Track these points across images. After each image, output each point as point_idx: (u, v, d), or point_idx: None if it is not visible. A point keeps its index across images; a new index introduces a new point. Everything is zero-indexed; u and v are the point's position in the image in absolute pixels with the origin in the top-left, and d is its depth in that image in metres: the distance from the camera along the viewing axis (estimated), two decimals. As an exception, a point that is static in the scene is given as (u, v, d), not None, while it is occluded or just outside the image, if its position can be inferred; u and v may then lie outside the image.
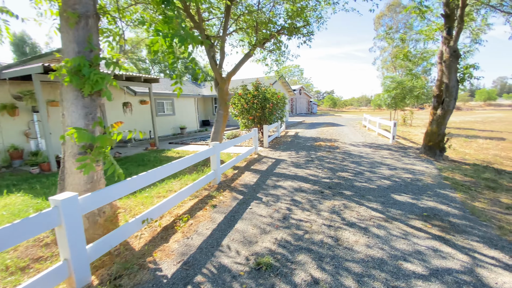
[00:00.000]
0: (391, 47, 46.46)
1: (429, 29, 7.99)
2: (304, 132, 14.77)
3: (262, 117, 10.71)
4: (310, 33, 9.53)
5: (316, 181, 5.44)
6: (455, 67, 6.82)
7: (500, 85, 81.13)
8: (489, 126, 17.13)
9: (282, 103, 12.76)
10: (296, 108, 38.99)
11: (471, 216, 3.72)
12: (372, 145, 9.86)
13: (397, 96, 14.58)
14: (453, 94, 6.97)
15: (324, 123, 21.72)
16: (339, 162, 7.13)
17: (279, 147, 9.87)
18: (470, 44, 7.81)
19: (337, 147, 9.50)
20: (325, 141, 11.18)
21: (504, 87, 75.82)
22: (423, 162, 7.02)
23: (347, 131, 14.71)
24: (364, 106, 66.28)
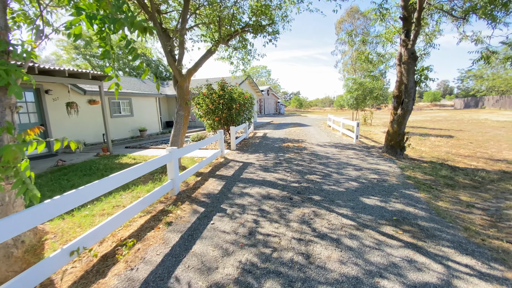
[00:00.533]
0: (351, 51, 49.13)
1: (388, 32, 8.24)
2: (272, 133, 14.59)
3: (229, 118, 10.20)
4: (275, 32, 9.27)
5: (285, 186, 5.12)
6: (413, 69, 7.07)
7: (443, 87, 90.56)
8: (438, 124, 18.75)
9: (249, 103, 12.38)
10: (264, 109, 39.08)
11: (437, 218, 3.68)
12: (337, 145, 9.96)
13: (358, 97, 15.15)
14: (411, 95, 7.22)
15: (292, 123, 21.91)
16: (307, 164, 6.94)
17: (247, 149, 9.46)
18: (425, 47, 8.22)
19: (305, 148, 9.39)
20: (293, 142, 11.06)
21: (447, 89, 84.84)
22: (386, 162, 7.16)
23: (313, 131, 14.87)
24: (328, 107, 69.25)
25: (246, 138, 12.46)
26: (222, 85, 10.42)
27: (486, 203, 4.36)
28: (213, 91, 10.18)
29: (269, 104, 41.46)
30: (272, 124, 21.21)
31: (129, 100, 13.47)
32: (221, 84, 10.35)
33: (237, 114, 10.39)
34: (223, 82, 10.47)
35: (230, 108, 10.10)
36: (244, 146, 10.30)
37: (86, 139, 10.84)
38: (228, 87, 10.53)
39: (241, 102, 11.08)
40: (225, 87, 10.39)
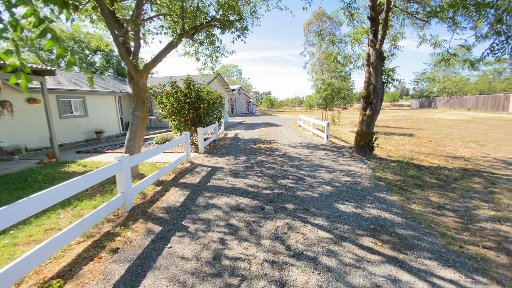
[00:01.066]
0: (319, 53, 50.67)
1: (356, 32, 8.25)
2: (244, 134, 14.12)
3: (196, 119, 9.50)
4: (244, 28, 8.81)
5: (256, 193, 4.68)
6: (381, 69, 7.11)
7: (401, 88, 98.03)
8: (399, 123, 19.89)
9: (219, 103, 11.76)
10: (236, 108, 38.48)
11: (413, 223, 3.52)
12: (309, 146, 9.83)
13: (327, 97, 15.36)
14: (379, 95, 7.27)
15: (263, 123, 21.67)
16: (279, 167, 6.60)
17: (217, 152, 8.87)
18: (390, 49, 8.41)
19: (277, 149, 9.08)
20: (265, 142, 10.71)
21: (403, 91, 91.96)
22: (357, 162, 7.10)
23: (285, 132, 14.73)
24: (298, 107, 70.83)
25: (216, 139, 11.83)
26: (188, 82, 9.68)
27: (454, 204, 4.36)
28: (178, 89, 9.40)
29: (241, 104, 40.97)
30: (244, 124, 20.75)
31: (83, 98, 12.00)
32: (187, 82, 9.60)
33: (206, 114, 9.73)
34: (189, 79, 9.72)
35: (197, 107, 9.41)
36: (214, 148, 9.68)
37: (28, 144, 9.34)
38: (195, 85, 9.81)
39: (209, 102, 10.42)
40: (191, 85, 9.66)
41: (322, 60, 50.16)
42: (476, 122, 18.48)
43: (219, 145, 10.41)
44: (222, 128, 14.45)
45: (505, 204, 4.25)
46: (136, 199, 4.54)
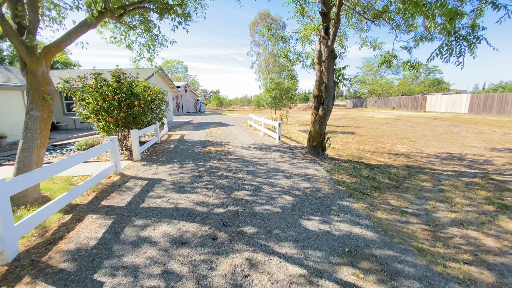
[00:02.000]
0: (265, 53, 51.43)
1: (306, 28, 7.93)
2: (191, 135, 12.75)
3: (130, 119, 7.87)
4: (186, 15, 7.63)
5: (206, 214, 3.72)
6: (332, 67, 6.88)
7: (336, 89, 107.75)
8: (339, 122, 21.19)
9: (160, 100, 10.21)
10: (182, 107, 35.95)
11: (386, 238, 3.11)
12: (262, 147, 9.22)
13: (276, 97, 15.14)
14: (331, 94, 7.06)
15: (213, 122, 20.43)
16: (233, 174, 5.73)
17: (158, 159, 7.48)
18: (337, 49, 8.36)
19: (229, 153, 8.18)
20: (215, 145, 9.68)
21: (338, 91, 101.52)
22: (312, 164, 6.75)
23: (236, 132, 13.91)
24: (247, 106, 71.04)
25: (157, 142, 10.24)
26: (117, 75, 7.94)
27: (414, 206, 4.21)
28: (105, 83, 7.61)
29: (188, 102, 38.52)
30: (192, 124, 19.15)
31: (-34, 93, 8.90)
32: (115, 74, 7.85)
33: (142, 113, 8.16)
34: (118, 71, 7.98)
35: (130, 105, 7.79)
36: (154, 154, 8.21)
37: None
38: (126, 79, 8.13)
39: (147, 98, 8.85)
40: (121, 78, 7.96)
41: (268, 61, 51.03)
42: (402, 120, 20.94)
43: (161, 149, 8.95)
44: (165, 129, 12.79)
45: (458, 204, 4.28)
46: (29, 238, 3.08)
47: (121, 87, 7.80)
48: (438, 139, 11.67)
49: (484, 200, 4.42)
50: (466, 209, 4.10)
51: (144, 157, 7.68)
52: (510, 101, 21.58)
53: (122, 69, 8.14)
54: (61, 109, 15.49)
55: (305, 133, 13.64)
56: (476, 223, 3.60)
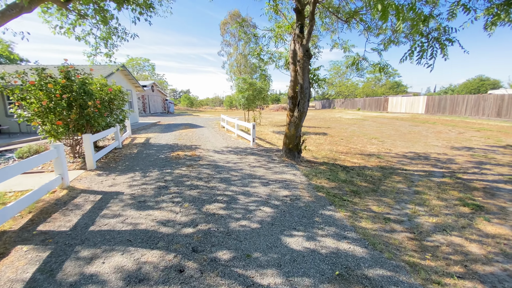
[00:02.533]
0: (236, 53, 50.86)
1: (280, 26, 7.61)
2: (158, 138, 11.75)
3: (83, 121, 6.81)
4: (148, 6, 6.85)
5: (172, 237, 3.12)
6: (308, 67, 6.64)
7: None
8: (310, 123, 21.50)
9: (120, 99, 9.16)
10: (149, 107, 33.84)
11: (375, 254, 2.82)
12: (236, 150, 8.71)
13: (249, 97, 14.73)
14: (307, 95, 6.81)
15: (183, 124, 19.35)
16: (205, 183, 5.14)
17: (117, 166, 6.57)
18: (311, 49, 8.17)
19: (200, 157, 7.53)
20: (185, 149, 8.93)
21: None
22: (289, 168, 6.43)
23: (208, 134, 13.20)
24: (218, 106, 69.76)
25: (118, 147, 9.17)
26: (66, 71, 6.81)
27: (395, 212, 4.06)
28: (51, 80, 6.48)
29: (156, 102, 36.41)
30: (159, 126, 17.89)
31: None
32: (64, 70, 6.73)
33: (98, 115, 7.14)
34: (67, 67, 6.86)
35: (83, 106, 6.74)
36: (114, 160, 7.24)
37: None
38: (77, 75, 7.04)
39: (104, 98, 7.83)
40: (72, 74, 6.86)
41: (240, 61, 50.54)
42: (368, 120, 21.90)
43: (122, 155, 7.97)
44: (128, 132, 11.62)
45: (436, 207, 4.23)
46: None
47: (71, 84, 6.72)
48: (403, 138, 12.22)
49: (458, 202, 4.44)
50: (444, 211, 4.05)
51: (101, 165, 6.70)
52: (460, 102, 23.77)
53: (73, 65, 7.02)
54: (3, 110, 13.35)
55: (279, 134, 13.42)
56: (457, 227, 3.52)
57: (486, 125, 16.10)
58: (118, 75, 16.67)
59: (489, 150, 8.96)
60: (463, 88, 47.07)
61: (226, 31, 50.08)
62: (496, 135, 12.38)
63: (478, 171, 6.42)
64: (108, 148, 7.78)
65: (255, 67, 50.24)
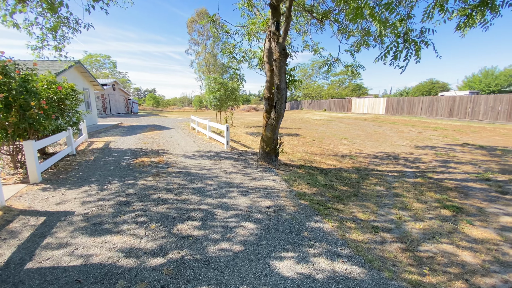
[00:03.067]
0: (205, 52, 49.39)
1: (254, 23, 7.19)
2: (119, 141, 10.54)
3: (24, 125, 5.61)
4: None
5: (135, 272, 2.48)
6: (284, 67, 6.31)
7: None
8: (282, 124, 21.52)
9: (74, 99, 7.94)
10: (110, 107, 31.06)
11: (375, 274, 2.53)
12: (210, 155, 8.08)
13: (221, 98, 14.08)
14: (284, 96, 6.49)
15: (148, 125, 17.92)
16: (176, 196, 4.49)
17: (68, 178, 5.54)
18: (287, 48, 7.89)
19: (169, 164, 6.77)
20: (151, 154, 8.03)
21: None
22: (268, 173, 6.05)
23: (177, 136, 12.26)
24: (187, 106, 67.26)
25: (72, 153, 7.93)
26: (3, 66, 5.56)
27: (381, 219, 3.88)
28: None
29: (117, 102, 33.58)
30: (121, 128, 16.30)
31: None
32: (0, 65, 5.48)
33: (45, 117, 5.98)
34: (3, 61, 5.60)
35: (25, 107, 5.56)
36: (64, 170, 6.15)
37: None
38: (17, 70, 5.81)
39: (52, 98, 6.65)
40: (10, 70, 5.62)
41: (208, 61, 49.18)
42: (335, 121, 22.65)
43: (76, 163, 6.85)
44: (83, 136, 10.22)
45: (418, 210, 4.16)
46: None
47: (9, 82, 5.50)
48: (370, 138, 12.67)
49: (438, 204, 4.45)
50: (427, 215, 3.99)
51: (48, 176, 5.61)
52: (416, 103, 25.79)
53: (12, 59, 5.77)
54: None
55: (253, 136, 13.02)
56: (445, 233, 3.43)
57: (441, 124, 17.61)
58: (72, 72, 14.78)
59: (449, 149, 9.62)
60: (416, 90, 51.55)
61: (194, 30, 48.34)
62: (452, 134, 13.49)
63: (445, 170, 6.71)
64: (58, 156, 6.61)
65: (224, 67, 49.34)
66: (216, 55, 48.34)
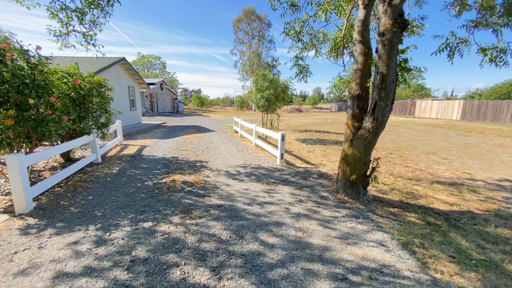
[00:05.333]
0: (249, 52, 48.05)
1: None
2: (155, 147, 9.07)
3: (19, 130, 4.11)
4: None
5: None
6: (397, 47, 3.72)
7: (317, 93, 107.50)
8: (336, 128, 18.36)
9: (100, 96, 6.53)
10: (157, 106, 31.51)
11: None
12: (259, 173, 5.88)
13: (270, 97, 11.84)
14: (391, 94, 3.89)
15: (190, 126, 16.71)
16: (211, 276, 2.33)
17: (69, 207, 3.85)
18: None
19: (207, 189, 4.74)
20: (186, 168, 6.17)
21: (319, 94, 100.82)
22: (363, 224, 3.56)
23: (218, 142, 10.42)
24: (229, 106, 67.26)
25: (96, 162, 6.50)
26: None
27: None
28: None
29: (164, 101, 34.07)
30: (163, 128, 15.30)
31: None
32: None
33: (55, 119, 4.44)
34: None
35: (21, 105, 4.04)
36: (74, 190, 4.54)
37: None
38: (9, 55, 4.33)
39: (65, 93, 5.17)
40: (1, 55, 4.16)
41: (252, 60, 47.75)
42: (401, 126, 18.64)
43: (93, 177, 5.27)
44: (118, 138, 8.97)
45: None
46: None
47: (5, 70, 4.03)
48: (467, 154, 9.11)
49: None
50: None
51: (47, 201, 4.00)
52: (505, 108, 20.19)
53: (8, 36, 4.34)
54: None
55: (306, 144, 10.49)
56: None
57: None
58: (118, 70, 14.16)
59: None
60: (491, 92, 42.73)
61: (240, 29, 47.38)
62: None
63: None
64: (76, 165, 5.10)
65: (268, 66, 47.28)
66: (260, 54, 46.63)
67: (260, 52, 46.89)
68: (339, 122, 22.56)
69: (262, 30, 47.13)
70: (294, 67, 6.68)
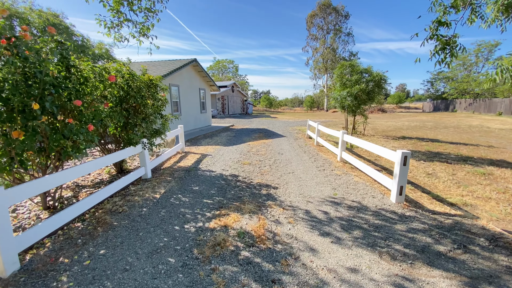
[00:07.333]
0: (323, 48, 44.00)
1: None
2: (216, 157, 7.63)
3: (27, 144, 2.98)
4: None
5: None
6: None
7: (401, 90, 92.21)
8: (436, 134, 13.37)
9: (154, 98, 5.34)
10: (228, 108, 31.94)
11: None
12: (365, 223, 3.37)
13: (359, 95, 8.83)
14: None
15: (257, 130, 15.20)
16: None
17: (72, 264, 2.41)
18: None
19: (276, 255, 2.62)
20: (246, 199, 4.24)
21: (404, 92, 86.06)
22: None
23: (290, 152, 8.24)
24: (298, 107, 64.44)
25: (146, 178, 5.33)
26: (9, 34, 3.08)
27: None
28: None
29: (235, 103, 34.40)
30: (230, 132, 14.26)
31: None
32: None
33: (78, 128, 3.21)
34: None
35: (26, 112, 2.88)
36: (97, 223, 3.21)
37: None
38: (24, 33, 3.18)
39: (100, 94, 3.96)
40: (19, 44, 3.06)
41: (326, 56, 43.55)
42: None
43: (130, 203, 3.93)
44: (180, 145, 7.93)
45: None
46: None
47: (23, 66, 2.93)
48: None
49: None
50: None
51: (46, 253, 2.70)
52: None
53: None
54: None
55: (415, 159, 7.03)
56: None
57: None
58: (189, 72, 13.83)
59: None
60: None
61: (313, 25, 43.96)
62: None
63: None
64: (125, 180, 3.89)
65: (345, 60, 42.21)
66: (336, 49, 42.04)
67: (336, 47, 42.26)
68: (444, 125, 16.90)
69: (339, 23, 42.37)
70: (431, 40, 3.82)
